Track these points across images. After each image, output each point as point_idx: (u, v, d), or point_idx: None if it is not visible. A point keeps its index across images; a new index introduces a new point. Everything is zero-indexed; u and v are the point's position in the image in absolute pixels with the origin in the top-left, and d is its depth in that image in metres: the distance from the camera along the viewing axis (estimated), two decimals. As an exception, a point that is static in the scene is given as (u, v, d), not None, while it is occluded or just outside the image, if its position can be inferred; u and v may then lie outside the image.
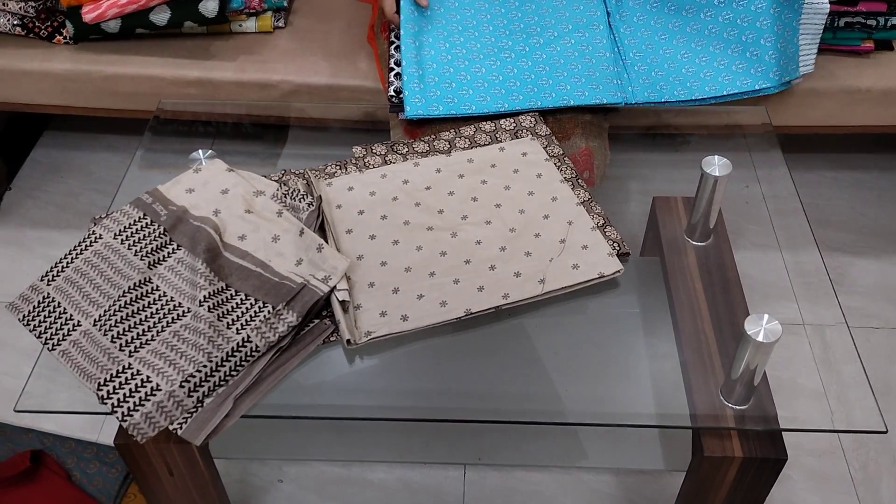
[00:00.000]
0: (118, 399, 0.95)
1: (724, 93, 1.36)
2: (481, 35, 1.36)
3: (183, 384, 0.95)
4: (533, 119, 1.31)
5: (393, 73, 1.37)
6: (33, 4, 1.71)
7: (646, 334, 1.03)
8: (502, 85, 1.30)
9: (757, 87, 1.37)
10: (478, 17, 1.40)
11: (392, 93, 1.37)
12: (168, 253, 1.11)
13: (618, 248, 1.16)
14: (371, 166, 1.29)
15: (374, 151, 1.32)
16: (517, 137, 1.29)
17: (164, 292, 1.06)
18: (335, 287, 1.04)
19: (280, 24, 1.82)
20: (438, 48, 1.35)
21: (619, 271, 1.13)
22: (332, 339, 1.04)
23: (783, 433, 1.03)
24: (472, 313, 1.05)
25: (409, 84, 1.31)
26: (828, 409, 1.00)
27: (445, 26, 1.39)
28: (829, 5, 1.45)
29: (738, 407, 1.01)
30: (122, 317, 1.02)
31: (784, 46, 1.35)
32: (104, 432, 1.56)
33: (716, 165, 1.24)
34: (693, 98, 1.35)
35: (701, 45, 1.36)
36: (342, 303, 1.03)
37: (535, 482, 1.51)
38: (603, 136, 1.36)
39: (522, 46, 1.35)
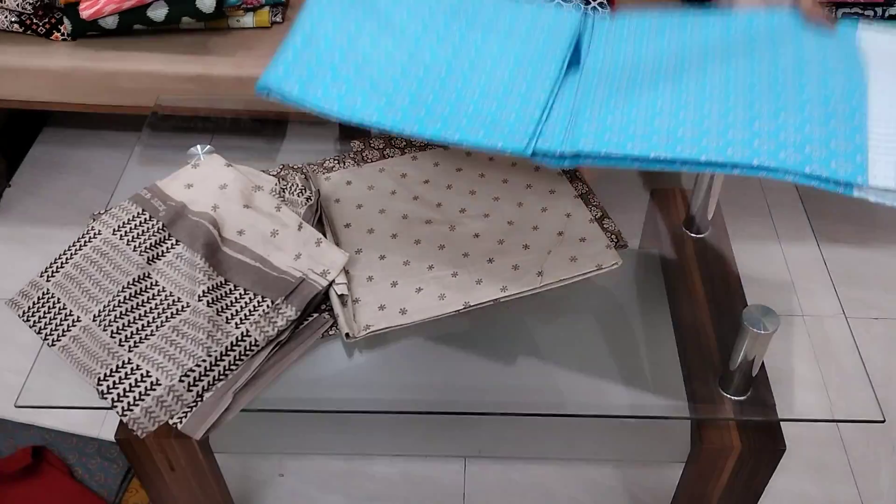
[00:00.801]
0: (118, 394, 0.95)
1: (702, 159, 0.86)
2: (405, 27, 1.02)
3: (182, 379, 0.95)
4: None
5: None
6: (31, 1, 1.71)
7: (644, 326, 1.04)
8: (389, 93, 0.97)
9: (755, 164, 0.85)
10: (416, 11, 1.04)
11: None
12: (167, 248, 1.11)
13: (616, 240, 1.16)
14: (369, 160, 1.29)
15: (371, 146, 1.32)
16: (515, 130, 1.29)
17: (163, 287, 1.06)
18: (334, 281, 1.05)
19: (278, 20, 1.82)
20: (343, 25, 1.02)
21: (617, 263, 1.13)
22: (331, 332, 1.04)
23: (782, 424, 1.04)
24: (470, 306, 1.05)
25: (284, 51, 1.00)
26: (826, 400, 1.00)
27: (370, 8, 1.04)
28: None
29: (736, 398, 1.01)
30: (121, 312, 1.03)
31: (824, 136, 0.87)
32: (105, 428, 1.56)
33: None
34: (649, 157, 0.87)
35: (692, 97, 0.92)
36: (340, 296, 1.03)
37: (535, 474, 1.52)
38: None
39: (446, 48, 1.01)
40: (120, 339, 1.00)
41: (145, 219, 1.15)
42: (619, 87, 0.95)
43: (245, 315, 1.02)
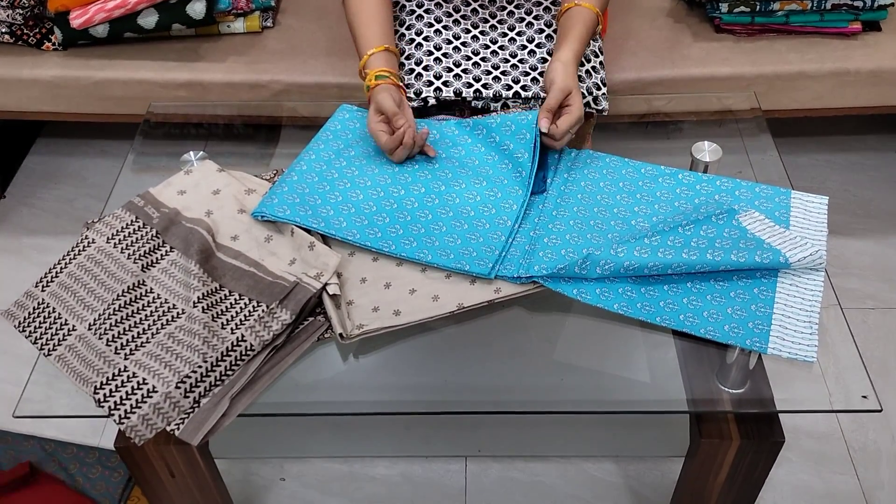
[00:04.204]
0: (115, 402, 0.95)
1: (614, 309, 1.05)
2: (381, 172, 1.21)
3: (179, 385, 0.95)
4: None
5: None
6: (21, 12, 1.71)
7: (641, 321, 1.04)
8: (369, 216, 1.15)
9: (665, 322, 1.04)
10: (385, 170, 1.23)
11: None
12: (161, 255, 1.11)
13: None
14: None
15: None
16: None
17: (158, 294, 1.06)
18: (327, 283, 1.04)
19: (268, 24, 1.82)
20: (329, 170, 1.22)
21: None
22: (326, 335, 1.04)
23: (780, 415, 1.04)
24: (464, 307, 1.05)
25: (280, 185, 1.19)
26: (823, 391, 1.01)
27: (355, 154, 1.25)
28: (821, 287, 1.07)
29: (734, 391, 1.01)
30: (116, 320, 1.03)
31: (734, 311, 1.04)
32: (105, 436, 1.56)
33: (706, 151, 1.25)
34: (586, 299, 1.05)
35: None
36: (333, 297, 1.03)
37: (535, 472, 1.52)
38: (586, 140, 1.37)
39: (419, 187, 1.19)
40: (115, 347, 1.00)
41: (139, 226, 1.15)
42: (575, 221, 1.15)
43: (240, 320, 1.02)
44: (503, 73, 1.33)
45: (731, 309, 1.04)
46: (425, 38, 1.35)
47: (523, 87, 1.31)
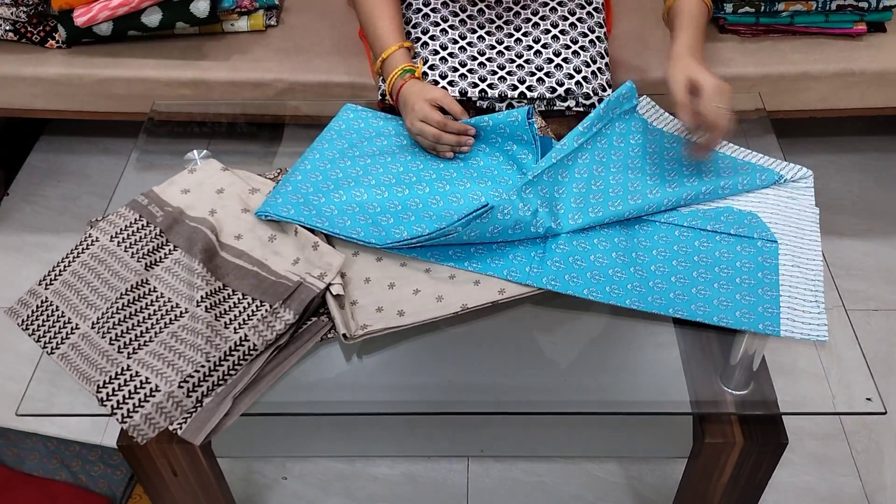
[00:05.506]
0: (118, 401, 0.95)
1: (625, 304, 1.07)
2: (386, 172, 1.22)
3: (182, 384, 0.95)
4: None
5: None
6: (25, 9, 1.71)
7: (645, 322, 1.04)
8: (373, 215, 1.15)
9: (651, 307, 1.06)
10: (396, 154, 1.25)
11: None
12: (165, 254, 1.11)
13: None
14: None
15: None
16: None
17: (162, 293, 1.06)
18: (331, 283, 1.04)
19: (272, 23, 1.82)
20: (333, 169, 1.22)
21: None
22: (329, 335, 1.04)
23: (783, 417, 1.03)
24: (468, 308, 1.05)
25: (284, 185, 1.19)
26: (827, 392, 1.00)
27: (359, 154, 1.25)
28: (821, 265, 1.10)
29: (737, 392, 1.01)
30: (119, 319, 1.03)
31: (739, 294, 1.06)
32: (108, 434, 1.56)
33: (709, 152, 1.24)
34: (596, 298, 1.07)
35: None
36: (337, 297, 1.03)
37: (538, 473, 1.52)
38: None
39: (423, 187, 1.20)
40: (119, 346, 1.00)
41: (143, 225, 1.15)
42: (585, 231, 1.13)
43: (244, 320, 1.02)
44: (509, 73, 1.33)
45: (739, 295, 1.04)
46: (431, 38, 1.35)
47: (529, 88, 1.31)
